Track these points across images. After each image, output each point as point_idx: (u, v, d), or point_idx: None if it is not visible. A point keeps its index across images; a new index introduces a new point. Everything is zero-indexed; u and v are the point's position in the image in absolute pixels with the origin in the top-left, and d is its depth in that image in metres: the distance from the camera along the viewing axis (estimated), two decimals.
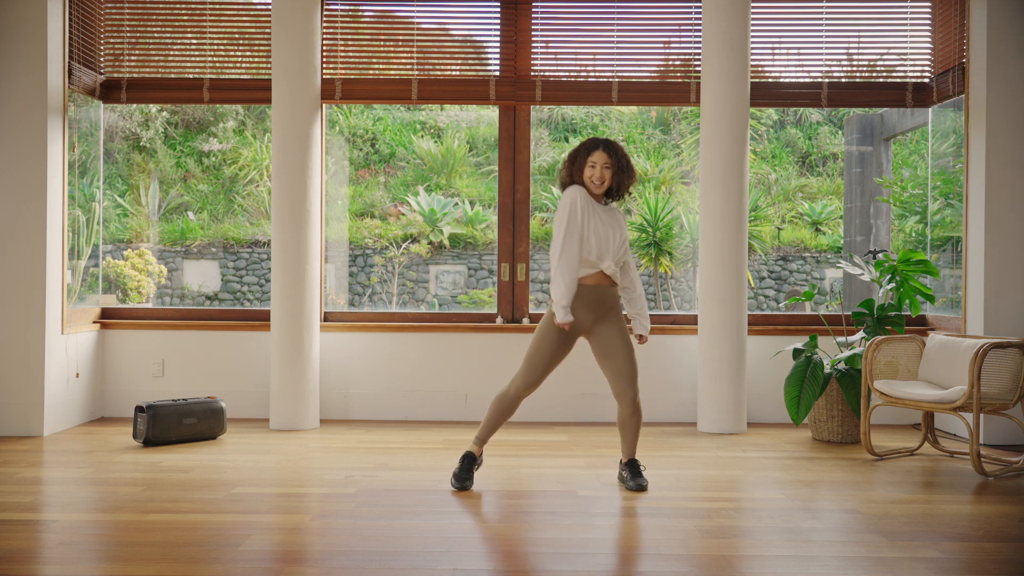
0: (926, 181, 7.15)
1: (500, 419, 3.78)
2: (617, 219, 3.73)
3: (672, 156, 13.29)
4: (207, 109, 13.28)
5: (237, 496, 3.62)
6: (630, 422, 3.76)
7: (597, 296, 3.67)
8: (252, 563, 2.79)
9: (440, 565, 2.78)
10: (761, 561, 2.85)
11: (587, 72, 5.61)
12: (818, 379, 4.69)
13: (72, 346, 5.17)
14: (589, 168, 3.66)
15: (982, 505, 3.59)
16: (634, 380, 3.70)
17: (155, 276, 10.46)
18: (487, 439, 3.82)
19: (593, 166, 3.65)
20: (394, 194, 13.12)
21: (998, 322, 4.88)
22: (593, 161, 3.65)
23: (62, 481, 3.90)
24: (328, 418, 5.46)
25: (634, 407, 3.73)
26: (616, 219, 3.73)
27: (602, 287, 3.68)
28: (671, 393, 5.48)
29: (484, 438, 3.81)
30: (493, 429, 3.80)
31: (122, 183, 12.50)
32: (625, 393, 3.70)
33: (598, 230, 3.63)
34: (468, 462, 3.78)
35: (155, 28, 5.62)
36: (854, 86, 5.55)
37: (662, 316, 5.63)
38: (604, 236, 3.64)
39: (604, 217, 3.67)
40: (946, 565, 2.81)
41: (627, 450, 3.82)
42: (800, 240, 12.79)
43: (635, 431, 3.78)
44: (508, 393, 3.75)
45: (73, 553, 2.88)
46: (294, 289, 5.16)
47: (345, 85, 5.47)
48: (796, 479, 3.98)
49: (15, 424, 4.88)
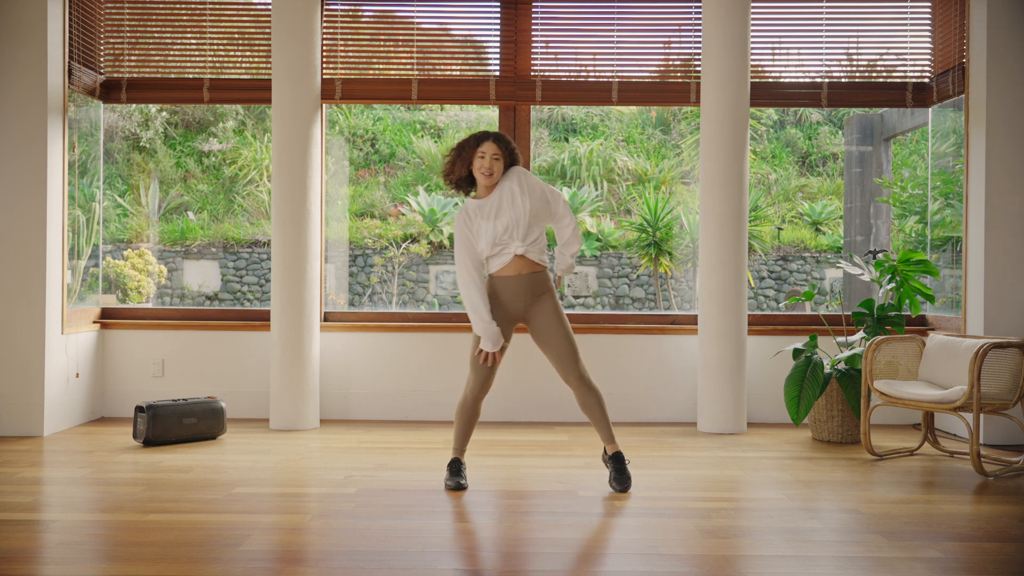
0: (926, 181, 7.16)
1: (467, 426, 3.81)
2: (513, 198, 3.64)
3: (672, 156, 13.29)
4: (207, 109, 13.28)
5: (237, 496, 3.62)
6: (588, 400, 3.69)
7: (522, 285, 3.66)
8: (252, 563, 2.79)
9: (440, 565, 2.78)
10: (761, 561, 2.85)
11: (587, 72, 5.61)
12: (818, 379, 4.69)
13: (72, 346, 5.17)
14: (479, 159, 3.65)
15: (982, 505, 3.59)
16: (575, 357, 3.67)
17: (155, 276, 10.46)
18: (463, 447, 3.84)
19: (483, 156, 3.65)
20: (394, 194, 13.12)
21: (998, 322, 4.88)
22: (483, 152, 3.65)
23: (62, 481, 3.90)
24: (328, 418, 5.46)
25: (583, 383, 3.68)
26: (510, 199, 3.64)
27: (523, 276, 3.66)
28: (671, 393, 5.48)
29: (460, 447, 3.84)
30: (465, 436, 3.83)
31: (122, 183, 12.50)
32: (570, 372, 3.68)
33: (489, 226, 3.62)
34: (455, 466, 3.81)
35: (155, 28, 5.62)
36: (854, 86, 5.56)
37: (662, 316, 5.63)
38: (496, 227, 3.61)
39: (494, 208, 3.64)
40: (946, 565, 2.81)
41: (604, 436, 3.73)
42: (800, 240, 12.80)
43: (601, 412, 3.70)
44: (465, 399, 3.78)
45: (73, 553, 2.88)
46: (294, 289, 5.16)
47: (345, 85, 5.47)
48: (796, 479, 3.98)
49: (15, 424, 4.88)
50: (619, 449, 3.78)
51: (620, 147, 13.54)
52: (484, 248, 3.65)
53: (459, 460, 3.82)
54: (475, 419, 3.82)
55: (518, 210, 3.62)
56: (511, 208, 3.63)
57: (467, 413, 3.79)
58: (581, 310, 11.89)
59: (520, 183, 3.67)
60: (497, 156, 3.65)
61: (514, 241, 3.63)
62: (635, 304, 12.24)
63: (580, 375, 3.68)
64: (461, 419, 3.81)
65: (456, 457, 3.83)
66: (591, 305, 12.29)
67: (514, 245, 3.63)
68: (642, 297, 12.28)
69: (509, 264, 3.66)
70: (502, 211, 3.63)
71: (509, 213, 3.62)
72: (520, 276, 3.66)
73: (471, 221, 3.67)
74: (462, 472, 3.79)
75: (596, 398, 3.71)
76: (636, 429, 5.18)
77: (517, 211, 3.62)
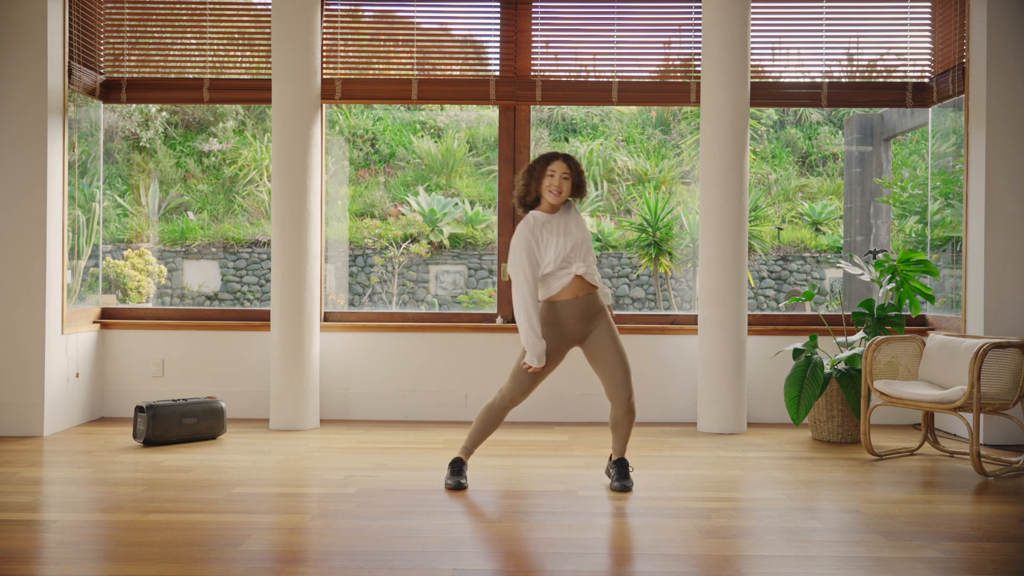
0: (926, 181, 7.16)
1: (488, 430, 3.81)
2: (576, 221, 3.75)
3: (672, 156, 13.29)
4: (207, 109, 13.28)
5: (237, 496, 3.62)
6: (624, 423, 3.76)
7: (579, 308, 3.68)
8: (252, 563, 2.79)
9: (440, 565, 2.78)
10: (761, 561, 2.85)
11: (587, 72, 5.61)
12: (818, 379, 4.69)
13: (72, 346, 5.17)
14: (548, 177, 3.68)
15: (982, 505, 3.59)
16: (628, 381, 3.70)
17: (155, 276, 10.46)
18: (473, 449, 3.84)
19: (552, 175, 3.68)
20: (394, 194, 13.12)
21: (998, 322, 4.88)
22: (552, 171, 3.68)
23: (62, 481, 3.90)
24: (328, 418, 5.46)
25: (628, 408, 3.72)
26: (575, 222, 3.74)
27: (581, 297, 3.68)
28: (671, 393, 5.48)
29: (471, 448, 3.84)
30: (480, 440, 3.83)
31: (122, 183, 12.50)
32: (620, 395, 3.70)
33: (560, 242, 3.66)
34: (458, 466, 3.81)
35: (155, 28, 5.62)
36: (854, 86, 5.56)
37: (662, 316, 5.63)
38: (566, 244, 3.66)
39: (561, 226, 3.69)
40: (946, 565, 2.81)
41: (618, 448, 3.82)
42: (800, 240, 12.80)
43: (628, 431, 3.78)
44: (495, 404, 3.77)
45: (73, 553, 2.88)
46: (294, 289, 5.16)
47: (345, 85, 5.47)
48: (796, 479, 3.98)
49: (15, 424, 4.88)
50: (625, 457, 3.84)
51: (620, 147, 13.54)
52: (549, 262, 3.66)
53: (462, 460, 3.83)
54: (497, 425, 3.82)
55: (584, 232, 3.72)
56: (578, 229, 3.71)
57: (492, 418, 3.79)
58: None
59: (575, 211, 3.77)
60: (567, 175, 3.69)
61: (577, 261, 3.67)
62: (635, 304, 12.24)
63: (628, 399, 3.71)
64: (484, 422, 3.79)
65: (460, 457, 3.83)
66: None
67: (576, 265, 3.67)
68: (642, 297, 12.28)
69: (568, 287, 3.67)
70: (570, 230, 3.69)
71: (577, 233, 3.69)
72: (579, 298, 3.68)
73: (538, 232, 3.67)
74: (463, 472, 3.80)
75: (631, 421, 3.77)
76: (636, 429, 5.18)
77: (584, 233, 3.72)
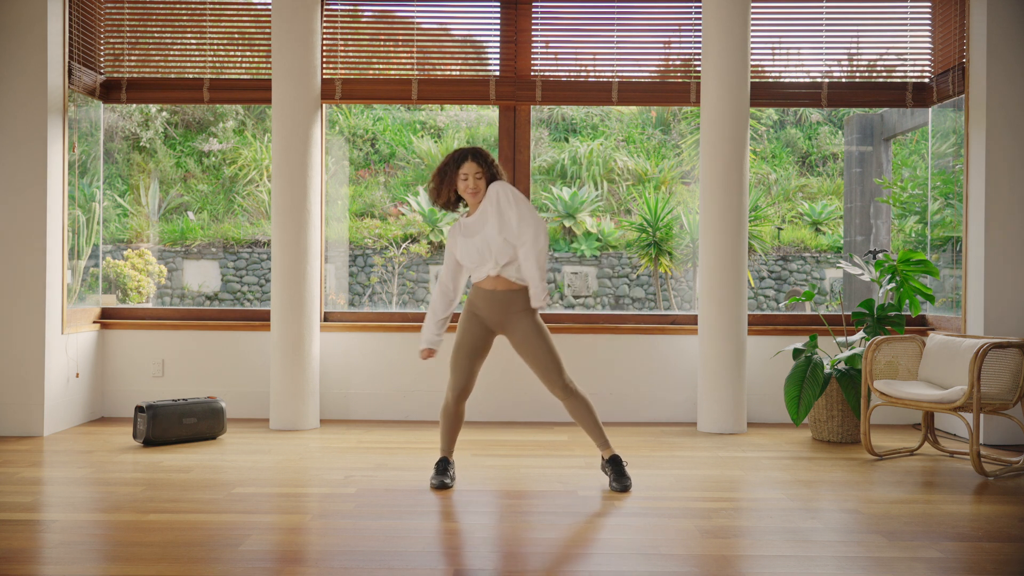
0: (926, 181, 7.16)
1: (452, 429, 3.86)
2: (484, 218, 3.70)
3: (672, 156, 13.30)
4: (207, 109, 13.28)
5: (237, 496, 3.62)
6: (577, 409, 3.72)
7: (494, 301, 3.72)
8: (252, 563, 2.79)
9: (440, 565, 2.78)
10: (761, 561, 2.85)
11: (587, 72, 5.61)
12: (818, 379, 4.69)
13: (72, 346, 5.17)
14: (462, 181, 3.72)
15: (982, 505, 3.59)
16: (557, 369, 3.69)
17: (155, 276, 10.46)
18: (450, 448, 3.88)
19: (466, 178, 3.72)
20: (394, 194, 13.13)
21: (998, 322, 4.88)
22: (465, 174, 3.72)
23: (62, 481, 3.90)
24: (328, 418, 5.46)
25: (569, 393, 3.70)
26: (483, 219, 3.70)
27: (497, 292, 3.71)
28: (671, 393, 5.48)
29: (446, 447, 3.87)
30: (451, 439, 3.87)
31: (122, 183, 12.50)
32: (554, 384, 3.70)
33: (465, 247, 3.73)
34: (443, 465, 3.84)
35: (155, 28, 5.62)
36: (854, 86, 5.55)
37: (662, 316, 5.63)
38: (470, 247, 3.71)
39: (477, 227, 3.71)
40: (946, 565, 2.81)
41: (598, 442, 3.76)
42: (800, 240, 12.80)
43: (589, 417, 3.73)
44: (447, 403, 3.83)
45: (73, 553, 2.88)
46: (294, 289, 5.16)
47: (345, 85, 5.47)
48: (796, 479, 3.98)
49: (15, 424, 4.88)
50: (615, 452, 3.81)
51: (620, 147, 13.55)
52: (464, 263, 3.79)
53: (447, 459, 3.85)
54: (458, 421, 3.85)
55: (488, 233, 3.69)
56: (482, 230, 3.71)
57: (449, 416, 3.84)
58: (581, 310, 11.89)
59: (493, 202, 3.69)
60: (479, 174, 3.73)
61: (487, 263, 3.70)
62: (635, 304, 12.24)
63: (564, 385, 3.71)
64: (444, 422, 3.86)
65: (444, 456, 3.86)
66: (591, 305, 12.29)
67: (488, 266, 3.70)
68: (642, 297, 12.29)
69: (486, 279, 3.74)
70: (478, 231, 3.72)
71: (480, 235, 3.71)
72: (495, 292, 3.72)
73: (456, 236, 3.79)
74: (448, 472, 3.82)
75: (584, 406, 3.73)
76: (636, 429, 5.18)
77: (487, 234, 3.69)
